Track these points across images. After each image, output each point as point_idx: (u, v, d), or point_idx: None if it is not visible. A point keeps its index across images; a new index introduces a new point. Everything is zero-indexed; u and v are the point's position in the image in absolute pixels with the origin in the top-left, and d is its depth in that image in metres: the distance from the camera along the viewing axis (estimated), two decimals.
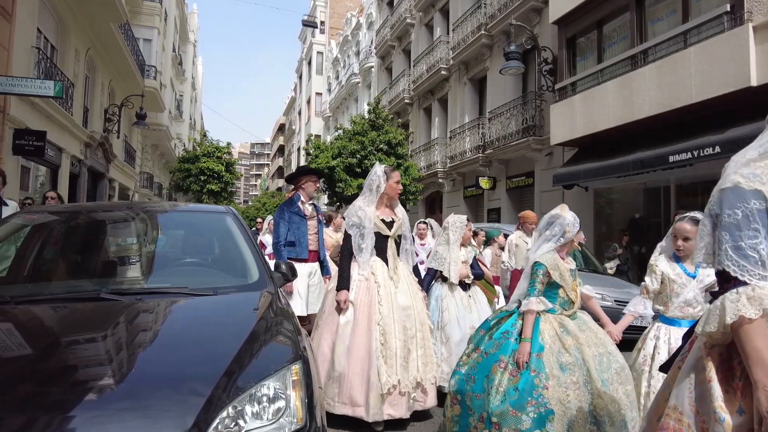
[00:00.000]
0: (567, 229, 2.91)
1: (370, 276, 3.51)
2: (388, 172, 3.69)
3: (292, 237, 4.48)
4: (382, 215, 3.68)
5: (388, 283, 3.52)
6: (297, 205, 4.58)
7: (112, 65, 16.81)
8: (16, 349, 1.81)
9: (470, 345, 3.07)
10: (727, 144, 7.11)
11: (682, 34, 8.31)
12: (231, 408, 1.52)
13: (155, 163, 29.15)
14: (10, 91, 8.80)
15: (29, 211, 3.03)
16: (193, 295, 2.24)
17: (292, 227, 4.50)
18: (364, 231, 3.54)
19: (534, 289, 2.83)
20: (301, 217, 4.53)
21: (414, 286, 3.70)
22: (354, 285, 3.50)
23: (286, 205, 4.63)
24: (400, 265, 3.69)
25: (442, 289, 4.40)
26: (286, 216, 4.51)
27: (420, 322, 3.54)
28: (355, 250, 3.56)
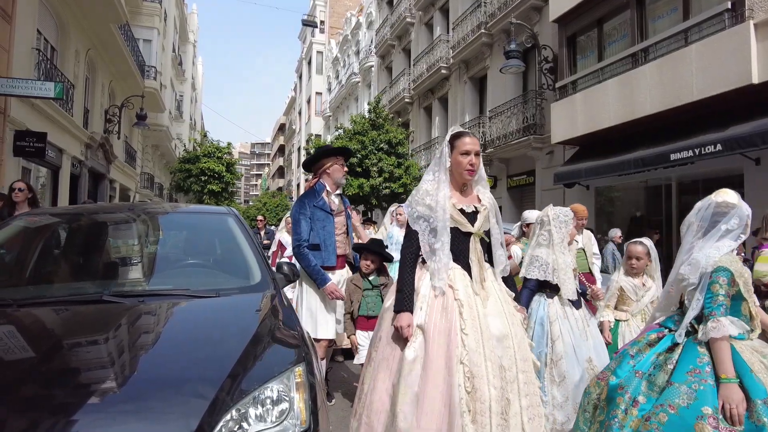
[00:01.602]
0: (748, 222, 2.24)
1: (447, 290, 2.43)
2: (455, 136, 2.58)
3: (315, 238, 3.56)
4: (460, 203, 2.56)
5: (473, 301, 2.43)
6: (321, 197, 3.65)
7: (113, 66, 16.80)
8: (19, 351, 1.81)
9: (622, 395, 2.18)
10: (728, 142, 7.09)
11: (683, 32, 8.29)
12: (235, 411, 1.52)
13: (156, 163, 29.16)
14: (11, 92, 8.81)
15: (31, 214, 3.03)
16: (196, 297, 2.23)
17: (316, 226, 3.58)
18: (436, 225, 2.48)
19: (720, 305, 2.06)
20: (327, 213, 3.64)
21: (509, 305, 2.57)
22: (423, 304, 2.42)
23: (308, 198, 3.66)
24: (488, 275, 2.57)
25: (549, 309, 3.23)
26: (308, 211, 3.58)
27: (522, 358, 2.44)
28: (425, 254, 2.51)
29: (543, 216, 3.40)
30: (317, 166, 3.79)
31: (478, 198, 2.66)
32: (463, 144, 2.53)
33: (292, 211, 3.81)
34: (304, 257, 3.52)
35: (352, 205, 4.06)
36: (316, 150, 3.96)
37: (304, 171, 4.64)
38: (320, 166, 3.77)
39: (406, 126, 20.49)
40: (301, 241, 3.54)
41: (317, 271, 3.49)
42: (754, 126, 6.91)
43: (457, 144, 2.55)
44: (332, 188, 3.74)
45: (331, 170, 3.73)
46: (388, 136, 16.29)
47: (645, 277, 3.58)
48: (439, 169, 2.57)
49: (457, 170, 2.56)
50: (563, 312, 3.24)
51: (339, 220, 3.73)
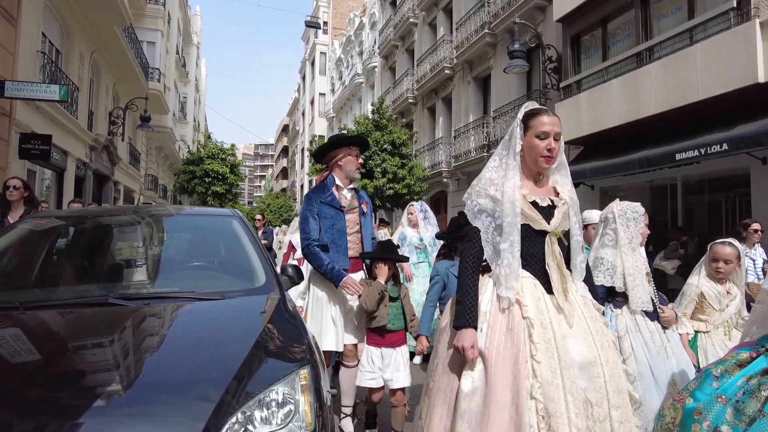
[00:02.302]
0: None
1: (514, 305, 1.97)
2: (530, 114, 2.12)
3: (324, 238, 3.23)
4: (532, 195, 2.10)
5: (546, 319, 1.95)
6: (331, 192, 3.31)
7: (117, 68, 16.88)
8: (25, 354, 1.81)
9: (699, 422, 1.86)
10: (734, 141, 7.05)
11: (688, 31, 8.25)
12: (240, 413, 1.52)
13: (160, 165, 29.27)
14: (17, 95, 8.86)
15: (38, 216, 3.04)
16: (201, 299, 2.23)
17: (325, 224, 3.25)
18: (502, 221, 2.01)
19: None
20: (337, 210, 3.29)
21: (597, 322, 2.06)
22: (483, 323, 1.97)
23: (316, 193, 3.33)
24: (571, 285, 2.09)
25: (618, 321, 2.78)
26: (316, 208, 3.26)
27: (615, 390, 1.94)
28: (489, 256, 2.05)
29: (607, 213, 3.01)
30: (328, 158, 3.42)
31: (554, 190, 2.17)
32: (540, 124, 2.06)
33: (301, 208, 3.51)
34: (315, 256, 3.17)
35: (368, 201, 3.56)
36: (330, 138, 3.54)
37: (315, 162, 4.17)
38: (331, 157, 3.38)
39: (409, 126, 20.49)
40: (310, 240, 3.20)
41: (330, 268, 3.13)
42: (761, 125, 6.86)
43: (533, 124, 2.08)
44: (344, 182, 3.36)
45: (343, 162, 3.34)
46: (392, 137, 16.29)
47: (729, 284, 3.15)
48: (508, 153, 2.10)
49: (530, 156, 2.09)
50: (634, 324, 2.76)
51: (351, 218, 3.34)
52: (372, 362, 3.14)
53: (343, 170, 3.37)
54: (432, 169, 18.07)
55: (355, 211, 3.39)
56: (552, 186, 2.19)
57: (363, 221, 3.41)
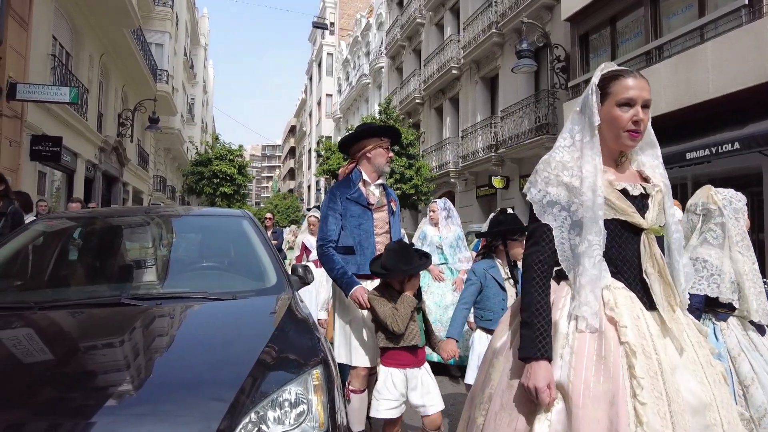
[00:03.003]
0: None
1: (606, 326, 1.49)
2: (609, 77, 1.60)
3: (348, 239, 2.87)
4: (619, 181, 1.62)
5: (650, 345, 1.48)
6: (357, 187, 2.94)
7: (125, 70, 17.01)
8: (39, 354, 1.82)
9: None
10: (746, 140, 6.98)
11: (699, 29, 8.18)
12: (253, 413, 1.52)
13: (168, 166, 29.45)
14: (28, 97, 8.96)
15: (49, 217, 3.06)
16: (213, 299, 2.24)
17: (351, 224, 2.88)
18: (581, 216, 1.54)
19: None
20: (363, 208, 2.92)
21: (704, 349, 1.58)
22: (564, 348, 1.51)
23: (340, 189, 2.96)
24: (677, 298, 1.60)
25: (727, 337, 2.28)
26: (339, 205, 2.90)
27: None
28: (564, 262, 1.58)
29: (707, 203, 2.45)
30: (355, 149, 3.03)
31: (640, 175, 1.68)
32: (624, 89, 1.56)
33: (321, 204, 3.09)
34: (327, 258, 2.83)
35: (396, 199, 3.18)
36: (357, 128, 3.17)
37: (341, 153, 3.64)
38: (359, 148, 3.00)
39: (416, 127, 20.47)
40: (326, 240, 2.84)
41: (342, 274, 2.77)
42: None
43: (614, 89, 1.58)
44: (371, 177, 2.99)
45: (372, 154, 2.97)
46: None
47: None
48: (583, 128, 1.61)
49: (611, 131, 1.60)
50: (748, 340, 2.21)
51: (379, 217, 2.97)
52: (394, 387, 2.57)
53: (371, 163, 2.98)
54: (439, 170, 18.05)
55: (384, 210, 3.01)
56: (636, 170, 1.70)
57: (392, 221, 3.03)
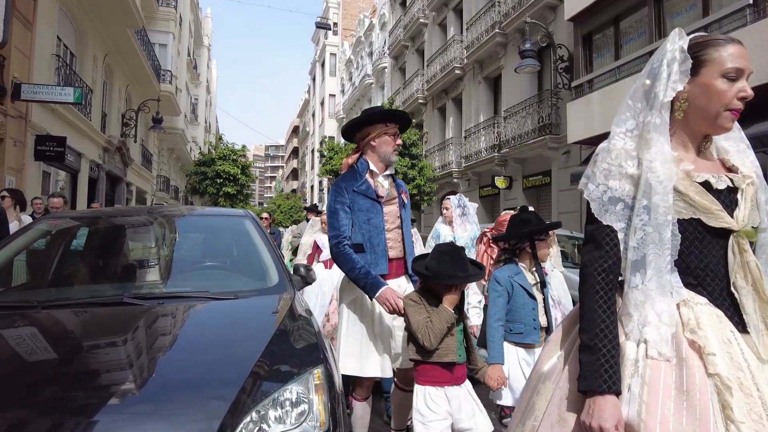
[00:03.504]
0: None
1: (687, 352, 1.20)
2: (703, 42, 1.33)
3: (357, 236, 2.60)
4: (700, 171, 1.32)
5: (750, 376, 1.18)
6: (364, 178, 2.66)
7: (129, 71, 17.07)
8: (42, 353, 1.83)
9: None
10: (751, 139, 6.90)
11: (703, 29, 8.14)
12: (254, 412, 1.52)
13: (171, 166, 29.53)
14: (33, 98, 9.00)
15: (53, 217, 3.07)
16: (214, 299, 2.24)
17: (359, 219, 2.61)
18: (654, 219, 1.27)
19: None
20: (372, 201, 2.64)
21: None
22: (633, 378, 1.23)
23: (346, 181, 2.67)
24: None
25: None
26: (346, 198, 2.62)
27: None
28: (627, 271, 1.30)
29: None
30: (360, 136, 2.75)
31: (723, 165, 1.40)
32: (729, 57, 1.29)
33: (328, 199, 2.80)
34: (345, 257, 2.51)
35: (407, 191, 2.90)
36: (363, 111, 2.86)
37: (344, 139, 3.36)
38: (364, 135, 2.71)
39: (419, 127, 20.47)
40: (340, 237, 2.54)
41: (364, 274, 2.46)
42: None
43: (716, 56, 1.30)
44: (379, 168, 2.69)
45: (378, 142, 2.68)
46: (402, 137, 16.26)
47: None
48: (649, 107, 1.32)
49: (706, 108, 1.31)
50: None
51: (390, 211, 2.68)
52: (437, 406, 2.23)
53: (377, 152, 2.69)
54: (442, 170, 18.04)
55: (395, 203, 2.74)
56: (719, 159, 1.41)
57: (403, 215, 2.76)
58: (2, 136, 8.69)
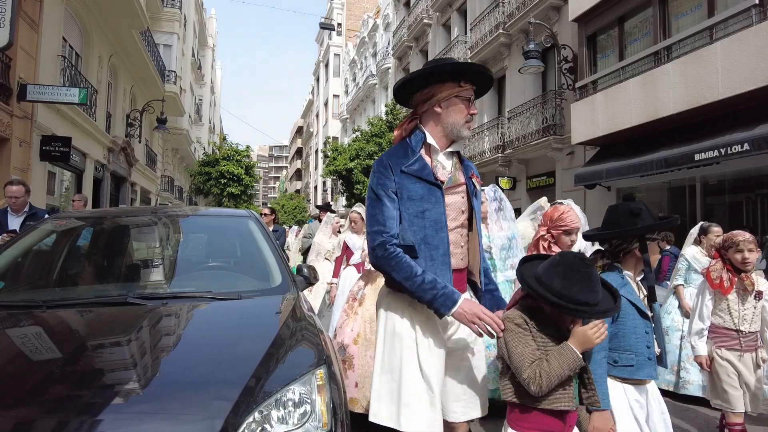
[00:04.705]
0: None
1: None
2: None
3: (407, 234, 1.91)
4: None
5: None
6: (418, 156, 1.98)
7: (134, 71, 17.13)
8: (47, 352, 1.84)
9: None
10: (756, 141, 6.91)
11: (708, 29, 8.11)
12: (257, 412, 1.52)
13: (176, 166, 29.62)
14: (38, 98, 9.04)
15: (58, 217, 3.09)
16: (218, 299, 2.25)
17: (409, 210, 1.92)
18: None
19: None
20: (430, 186, 1.95)
21: None
22: None
23: (393, 158, 1.98)
24: None
25: None
26: (393, 182, 1.93)
27: None
28: None
29: None
30: (420, 97, 2.01)
31: None
32: None
33: (368, 186, 2.06)
34: (398, 262, 1.85)
35: (478, 176, 2.18)
36: (426, 64, 2.05)
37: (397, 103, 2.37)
38: (427, 96, 1.99)
39: None
40: (386, 235, 1.87)
41: (430, 282, 1.82)
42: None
43: None
44: (440, 143, 2.00)
45: (445, 107, 1.96)
46: None
47: None
48: None
49: None
50: None
51: (453, 202, 1.98)
52: None
53: (442, 122, 1.98)
54: None
55: (460, 191, 2.01)
56: None
57: (475, 205, 2.04)
58: (8, 136, 8.74)
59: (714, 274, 3.04)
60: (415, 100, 2.06)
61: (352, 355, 3.64)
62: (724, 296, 2.99)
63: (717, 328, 3.04)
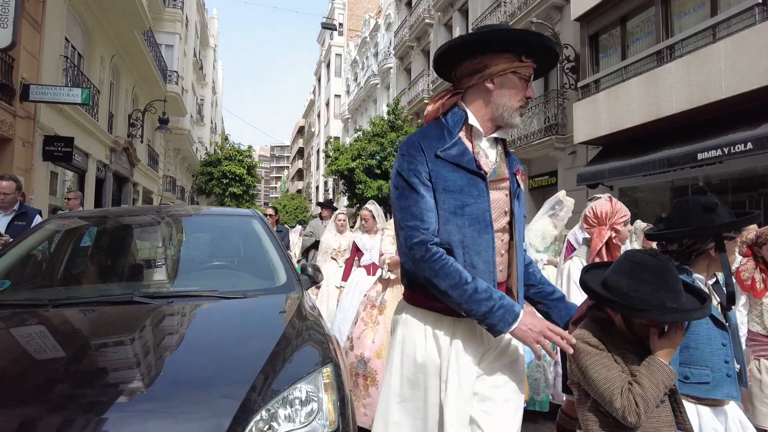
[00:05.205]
0: None
1: None
2: None
3: (444, 235, 1.55)
4: None
5: None
6: (456, 138, 1.61)
7: (136, 71, 17.15)
8: (53, 351, 1.85)
9: None
10: (759, 140, 6.90)
11: (711, 28, 8.10)
12: (264, 411, 1.52)
13: (177, 166, 29.65)
14: (41, 98, 9.06)
15: (62, 216, 3.10)
16: (223, 298, 2.25)
17: (445, 204, 1.56)
18: None
19: None
20: (470, 176, 1.58)
21: None
22: None
23: (426, 140, 1.60)
24: None
25: None
26: (426, 168, 1.56)
27: None
28: None
29: None
30: (467, 68, 1.63)
31: None
32: None
33: (394, 170, 1.64)
34: (441, 265, 1.51)
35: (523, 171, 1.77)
36: (477, 29, 1.65)
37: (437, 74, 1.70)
38: (477, 67, 1.60)
39: None
40: (426, 233, 1.53)
41: (485, 292, 1.49)
42: None
43: None
44: (485, 127, 1.63)
45: (499, 83, 1.59)
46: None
47: None
48: None
49: None
50: None
51: (497, 199, 1.62)
52: None
53: (492, 101, 1.59)
54: None
55: (503, 187, 1.65)
56: None
57: (516, 208, 1.66)
58: (11, 136, 8.76)
59: (744, 274, 2.68)
60: (460, 70, 1.65)
61: (374, 370, 3.20)
62: (758, 299, 2.66)
63: (755, 336, 2.66)
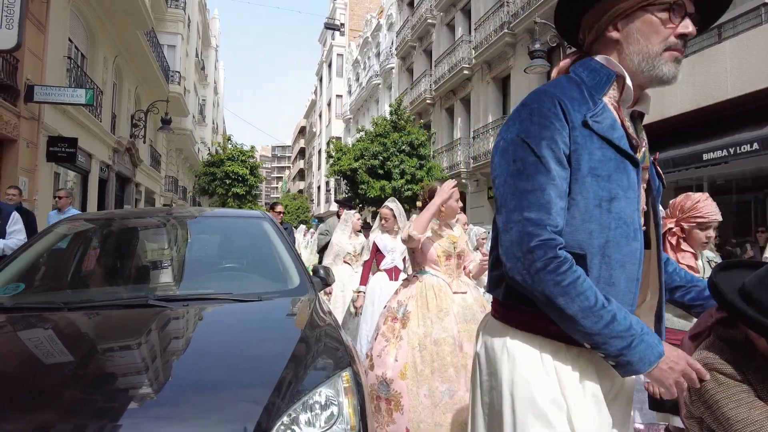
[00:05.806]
0: None
1: None
2: None
3: (579, 235, 1.12)
4: None
5: None
6: (603, 104, 1.17)
7: (138, 72, 17.15)
8: (68, 354, 1.83)
9: None
10: (764, 140, 6.88)
11: (717, 28, 8.09)
12: (286, 416, 1.51)
13: (180, 167, 29.66)
14: (45, 99, 9.07)
15: (72, 219, 3.09)
16: (239, 300, 2.24)
17: (587, 194, 1.12)
18: None
19: None
20: (623, 159, 1.16)
21: None
22: None
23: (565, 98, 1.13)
24: None
25: None
26: (566, 136, 1.11)
27: None
28: None
29: None
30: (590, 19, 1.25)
31: None
32: None
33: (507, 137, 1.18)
34: (572, 280, 1.08)
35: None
36: None
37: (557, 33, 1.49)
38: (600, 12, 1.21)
39: (427, 127, 20.45)
40: (552, 231, 1.10)
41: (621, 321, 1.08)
42: None
43: None
44: (638, 81, 1.26)
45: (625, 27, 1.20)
46: (410, 138, 16.28)
47: None
48: None
49: None
50: None
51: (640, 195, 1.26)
52: None
53: (623, 53, 1.22)
54: (450, 170, 18.01)
55: (644, 179, 1.34)
56: None
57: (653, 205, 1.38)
58: (15, 137, 8.76)
59: None
60: (586, 20, 1.26)
61: (398, 392, 2.78)
62: None
63: None
